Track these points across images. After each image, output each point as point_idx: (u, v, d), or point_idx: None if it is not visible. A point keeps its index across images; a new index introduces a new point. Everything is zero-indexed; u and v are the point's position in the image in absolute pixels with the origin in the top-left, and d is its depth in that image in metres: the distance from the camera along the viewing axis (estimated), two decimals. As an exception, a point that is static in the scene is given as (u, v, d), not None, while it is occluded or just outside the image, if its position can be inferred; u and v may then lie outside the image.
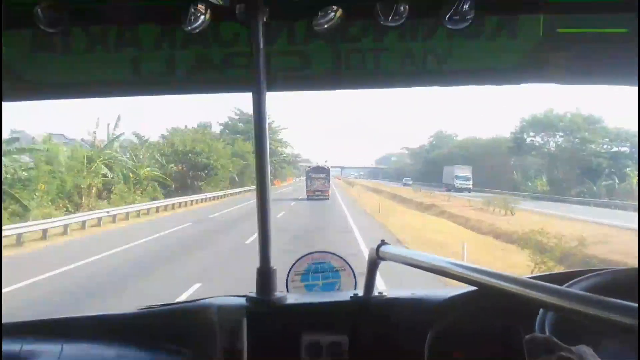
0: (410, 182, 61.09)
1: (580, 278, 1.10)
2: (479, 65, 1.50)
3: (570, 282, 1.08)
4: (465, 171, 44.27)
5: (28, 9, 1.33)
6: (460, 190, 38.82)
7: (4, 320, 1.38)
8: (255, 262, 1.42)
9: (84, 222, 17.83)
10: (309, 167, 39.93)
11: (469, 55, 1.48)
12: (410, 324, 1.37)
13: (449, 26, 1.38)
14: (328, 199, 34.76)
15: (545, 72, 1.48)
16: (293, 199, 33.38)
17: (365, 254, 1.61)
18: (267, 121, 1.44)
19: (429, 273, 1.07)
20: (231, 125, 52.33)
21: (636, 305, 0.63)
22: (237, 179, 41.55)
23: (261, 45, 1.40)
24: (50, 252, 13.62)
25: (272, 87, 1.45)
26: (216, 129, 50.40)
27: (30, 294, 8.52)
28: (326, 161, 41.79)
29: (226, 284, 8.54)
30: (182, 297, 7.53)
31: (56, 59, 1.49)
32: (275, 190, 38.54)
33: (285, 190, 43.47)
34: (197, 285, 8.94)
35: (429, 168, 67.03)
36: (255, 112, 1.44)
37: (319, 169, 37.68)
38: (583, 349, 0.84)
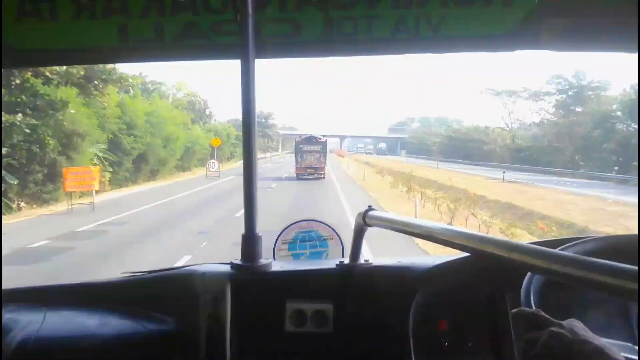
0: None
1: (572, 243, 1.24)
2: (473, 32, 1.64)
3: (562, 247, 1.22)
4: None
5: None
6: None
7: None
8: None
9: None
10: (300, 137, 36.80)
11: (463, 22, 1.62)
12: (396, 292, 1.54)
13: None
14: (324, 178, 33.12)
15: (539, 39, 1.62)
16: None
17: None
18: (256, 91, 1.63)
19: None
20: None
21: (629, 267, 0.70)
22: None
23: (249, 11, 1.54)
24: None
25: (261, 54, 1.63)
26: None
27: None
28: (323, 135, 37.88)
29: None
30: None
31: (43, 25, 1.65)
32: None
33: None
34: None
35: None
36: (243, 81, 1.60)
37: (312, 140, 35.05)
38: (573, 322, 0.92)
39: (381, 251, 7.24)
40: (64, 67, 17.67)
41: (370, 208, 1.50)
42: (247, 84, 1.59)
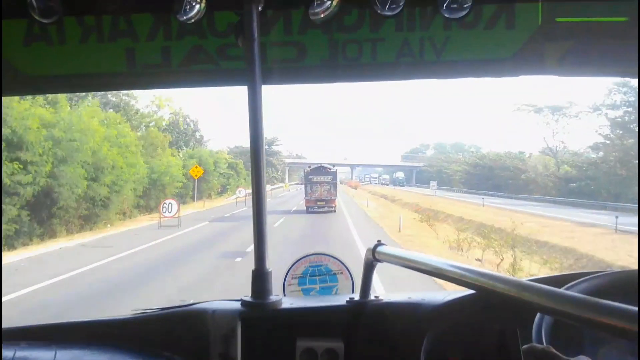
0: None
1: (578, 280, 1.24)
2: (477, 56, 1.67)
3: (569, 285, 1.22)
4: None
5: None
6: None
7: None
8: None
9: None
10: (309, 167, 34.59)
11: (467, 46, 1.66)
12: (407, 329, 1.54)
13: (447, 15, 1.53)
14: (334, 211, 30.80)
15: (543, 63, 1.65)
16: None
17: None
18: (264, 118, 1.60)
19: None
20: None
21: (635, 308, 0.71)
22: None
23: (255, 35, 1.55)
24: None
25: (267, 80, 1.63)
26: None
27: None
28: (333, 165, 36.04)
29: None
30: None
31: (51, 50, 1.68)
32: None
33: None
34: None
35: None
36: (251, 107, 1.58)
37: (322, 170, 32.91)
38: (584, 359, 0.93)
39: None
40: None
41: (379, 243, 1.50)
42: (255, 111, 1.59)
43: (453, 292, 1.56)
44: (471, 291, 1.39)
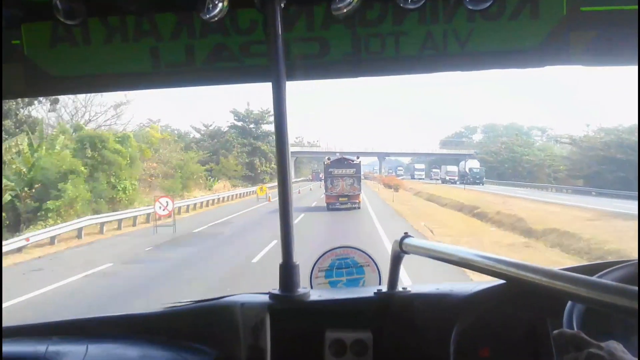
0: None
1: (611, 269, 1.23)
2: (501, 47, 1.65)
3: (601, 273, 1.21)
4: None
5: (47, 2, 1.53)
6: None
7: (32, 321, 1.64)
8: None
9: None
10: (329, 159, 30.44)
11: (491, 37, 1.63)
12: (436, 320, 1.55)
13: (470, 7, 1.53)
14: (359, 207, 28.24)
15: (568, 53, 1.62)
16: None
17: None
18: (288, 113, 1.62)
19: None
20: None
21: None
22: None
23: (279, 32, 1.56)
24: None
25: (291, 76, 1.65)
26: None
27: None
28: (357, 156, 31.07)
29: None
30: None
31: (76, 50, 1.69)
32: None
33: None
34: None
35: None
36: (275, 103, 1.59)
37: (344, 163, 29.74)
38: (613, 344, 0.94)
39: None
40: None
41: (406, 235, 1.49)
42: (280, 108, 1.57)
43: (482, 282, 1.58)
44: (499, 282, 1.40)
